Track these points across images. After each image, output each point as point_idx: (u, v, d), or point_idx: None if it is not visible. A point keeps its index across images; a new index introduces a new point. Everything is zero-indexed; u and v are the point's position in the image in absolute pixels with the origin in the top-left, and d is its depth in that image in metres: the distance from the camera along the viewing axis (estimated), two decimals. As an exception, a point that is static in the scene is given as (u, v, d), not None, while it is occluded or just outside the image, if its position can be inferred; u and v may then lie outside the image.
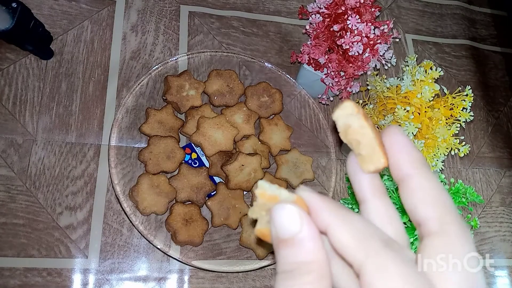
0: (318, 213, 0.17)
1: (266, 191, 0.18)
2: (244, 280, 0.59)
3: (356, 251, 0.16)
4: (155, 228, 0.58)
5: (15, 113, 0.59)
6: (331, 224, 0.17)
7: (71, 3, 0.68)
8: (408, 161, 0.18)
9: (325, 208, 0.17)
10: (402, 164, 0.18)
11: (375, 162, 0.18)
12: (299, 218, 0.17)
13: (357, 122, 0.18)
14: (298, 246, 0.16)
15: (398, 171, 0.18)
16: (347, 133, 0.18)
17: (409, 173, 0.18)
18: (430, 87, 0.58)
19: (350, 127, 0.18)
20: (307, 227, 0.16)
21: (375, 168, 0.18)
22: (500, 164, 0.82)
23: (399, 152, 0.18)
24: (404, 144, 0.18)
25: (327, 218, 0.17)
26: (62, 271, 0.54)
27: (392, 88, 0.63)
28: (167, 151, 0.60)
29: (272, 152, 0.66)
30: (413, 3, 0.91)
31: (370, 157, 0.18)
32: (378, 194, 0.19)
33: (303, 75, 0.69)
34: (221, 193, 0.60)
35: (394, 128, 0.19)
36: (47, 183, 0.57)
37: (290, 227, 0.17)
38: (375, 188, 0.19)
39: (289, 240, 0.17)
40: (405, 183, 0.18)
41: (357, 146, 0.18)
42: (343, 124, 0.18)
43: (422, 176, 0.18)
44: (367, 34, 0.57)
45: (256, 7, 0.79)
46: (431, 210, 0.17)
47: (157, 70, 0.65)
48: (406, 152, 0.18)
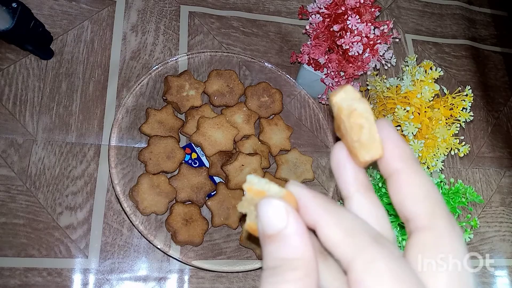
0: (307, 208, 0.17)
1: (253, 186, 0.17)
2: (244, 280, 0.60)
3: (344, 247, 0.16)
4: (155, 228, 0.58)
5: (15, 113, 0.60)
6: (319, 220, 0.16)
7: (71, 3, 0.68)
8: (397, 156, 0.18)
9: (314, 203, 0.17)
10: (392, 158, 0.18)
11: (373, 151, 0.17)
12: (285, 213, 0.16)
13: (363, 106, 0.17)
14: (283, 241, 0.16)
15: (387, 165, 0.18)
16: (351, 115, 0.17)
17: (398, 168, 0.17)
18: (430, 87, 0.58)
19: (356, 110, 0.17)
20: (293, 223, 0.16)
21: (371, 157, 0.17)
22: (500, 164, 0.82)
23: (389, 146, 0.18)
24: (395, 138, 0.18)
25: (316, 213, 0.17)
26: (62, 271, 0.54)
27: (392, 88, 0.63)
28: (167, 151, 0.60)
29: (272, 152, 0.66)
30: (413, 3, 0.91)
31: (369, 145, 0.17)
32: (363, 189, 0.18)
33: (303, 75, 0.69)
34: (221, 193, 0.60)
35: (385, 122, 0.18)
36: (47, 183, 0.57)
37: (276, 222, 0.16)
38: (360, 183, 0.18)
39: (275, 236, 0.16)
40: (394, 178, 0.18)
41: (359, 131, 0.17)
42: (348, 106, 0.17)
43: (412, 171, 0.17)
44: (367, 34, 0.57)
45: (256, 7, 0.79)
46: (421, 205, 0.17)
47: (157, 70, 0.65)
48: (397, 147, 0.18)
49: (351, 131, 0.17)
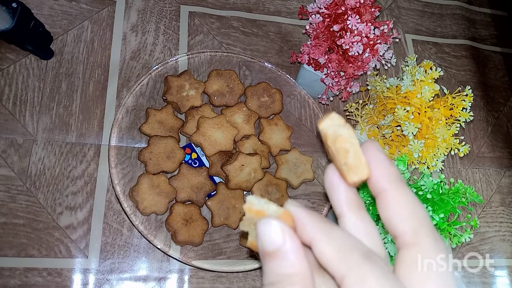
0: (303, 227, 0.18)
1: (252, 206, 0.19)
2: (244, 280, 0.60)
3: (338, 264, 0.17)
4: (155, 228, 0.58)
5: (15, 113, 0.60)
6: (315, 238, 0.17)
7: (71, 3, 0.68)
8: (384, 176, 0.19)
9: (310, 222, 0.18)
10: (379, 179, 0.19)
11: (360, 172, 0.19)
12: (281, 232, 0.17)
13: (347, 131, 0.19)
14: (281, 258, 0.17)
15: (375, 184, 0.19)
16: (336, 141, 0.19)
17: (385, 188, 0.19)
18: (430, 87, 0.58)
19: (341, 136, 0.19)
20: (289, 240, 0.17)
21: (359, 178, 0.19)
22: (500, 164, 0.82)
23: (376, 167, 0.19)
24: (381, 160, 0.19)
25: (311, 231, 0.18)
26: (62, 271, 0.54)
27: (392, 88, 0.63)
28: (167, 151, 0.60)
29: (272, 152, 0.66)
30: (413, 3, 0.91)
31: (356, 167, 0.19)
32: (355, 208, 0.19)
33: (303, 75, 0.69)
34: (221, 193, 0.60)
35: (372, 144, 0.19)
36: (47, 183, 0.57)
37: (273, 240, 0.17)
38: (352, 202, 0.20)
39: (273, 253, 0.17)
40: (382, 197, 0.19)
41: (345, 155, 0.19)
42: (333, 133, 0.19)
43: (397, 190, 0.18)
44: (367, 34, 0.57)
45: (256, 7, 0.79)
46: (406, 223, 0.18)
47: (157, 70, 0.65)
48: (383, 168, 0.19)
49: (338, 155, 0.19)
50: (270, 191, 0.63)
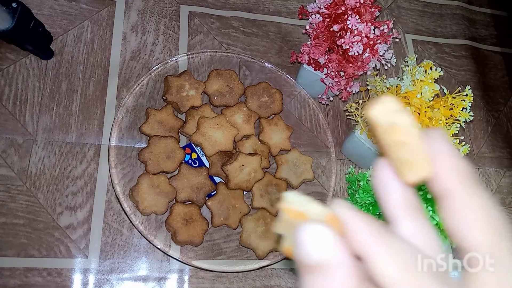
0: (356, 235, 0.15)
1: (291, 206, 0.16)
2: (244, 280, 0.60)
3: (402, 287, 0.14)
4: (155, 228, 0.58)
5: (15, 113, 0.59)
6: (371, 251, 0.14)
7: (71, 3, 0.68)
8: (452, 174, 0.15)
9: (365, 229, 0.14)
10: (445, 177, 0.15)
11: (420, 169, 0.15)
12: (328, 243, 0.14)
13: (405, 119, 0.15)
14: (326, 274, 0.14)
15: (439, 184, 0.16)
16: (391, 131, 0.15)
17: (452, 188, 0.15)
18: (430, 87, 0.58)
19: (397, 125, 0.15)
20: (337, 254, 0.14)
21: (419, 176, 0.15)
22: (500, 164, 0.82)
23: (441, 162, 0.15)
24: (448, 153, 0.15)
25: (366, 242, 0.14)
26: (62, 271, 0.54)
27: (392, 88, 0.63)
28: (167, 151, 0.60)
29: (272, 152, 0.66)
30: (413, 3, 0.91)
31: (415, 162, 0.15)
32: (413, 212, 0.16)
33: (303, 75, 0.69)
34: (221, 193, 0.60)
35: (437, 132, 0.16)
36: (47, 183, 0.57)
37: (316, 252, 0.14)
38: (410, 204, 0.16)
39: (315, 267, 0.14)
40: (447, 200, 0.15)
41: (402, 148, 0.15)
42: (387, 121, 0.15)
43: (468, 192, 0.15)
44: (367, 34, 0.57)
45: (256, 7, 0.79)
46: (479, 236, 0.15)
47: (157, 70, 0.65)
48: (451, 163, 0.15)
49: (393, 148, 0.16)
50: (270, 191, 0.63)
